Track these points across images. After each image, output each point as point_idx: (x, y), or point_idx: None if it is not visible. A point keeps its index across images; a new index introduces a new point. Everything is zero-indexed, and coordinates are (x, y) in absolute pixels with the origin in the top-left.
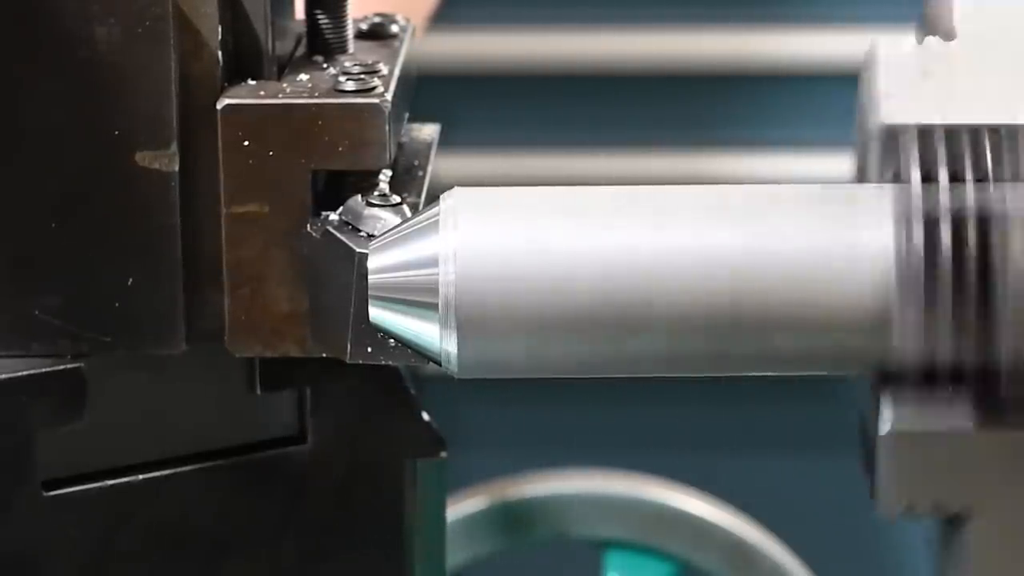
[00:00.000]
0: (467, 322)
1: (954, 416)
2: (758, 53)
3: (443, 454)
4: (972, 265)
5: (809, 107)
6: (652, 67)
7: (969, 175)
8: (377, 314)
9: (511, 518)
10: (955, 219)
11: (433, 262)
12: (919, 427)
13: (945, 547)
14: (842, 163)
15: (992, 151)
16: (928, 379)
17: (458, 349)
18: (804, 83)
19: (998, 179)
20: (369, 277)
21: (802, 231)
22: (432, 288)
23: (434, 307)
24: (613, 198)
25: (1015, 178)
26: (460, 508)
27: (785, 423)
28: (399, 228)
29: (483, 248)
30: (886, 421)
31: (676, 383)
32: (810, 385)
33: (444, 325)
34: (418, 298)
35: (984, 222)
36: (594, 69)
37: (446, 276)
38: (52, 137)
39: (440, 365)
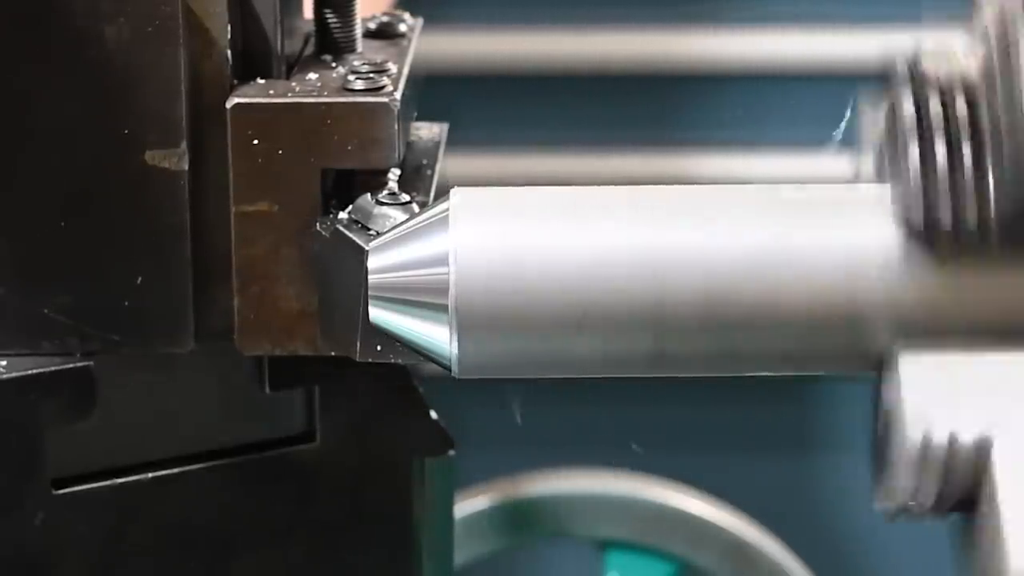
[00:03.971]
0: (478, 322)
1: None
2: (758, 54)
3: (451, 452)
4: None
5: (808, 107)
6: (652, 67)
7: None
8: (378, 314)
9: (512, 517)
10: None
11: (437, 262)
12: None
13: (959, 529)
14: (842, 163)
15: (992, 146)
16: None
17: (466, 349)
18: (804, 83)
19: (996, 167)
20: (369, 277)
21: (801, 231)
22: (437, 288)
23: (439, 307)
24: (613, 198)
25: (1014, 167)
26: (461, 507)
27: (785, 423)
28: (398, 228)
29: (488, 248)
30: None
31: (676, 383)
32: (810, 385)
33: (452, 325)
34: (423, 298)
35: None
36: (594, 69)
37: (454, 276)
38: (62, 136)
39: (446, 366)
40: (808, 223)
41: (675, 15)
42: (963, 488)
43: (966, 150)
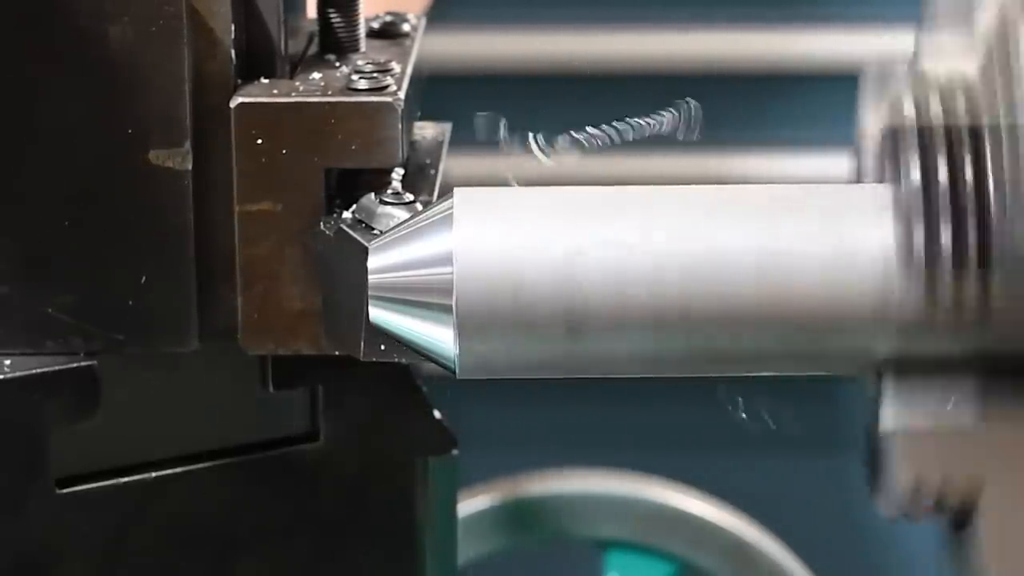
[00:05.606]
0: (480, 323)
1: (958, 412)
2: (759, 53)
3: (454, 452)
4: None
5: (809, 107)
6: (652, 67)
7: (968, 175)
8: (378, 314)
9: (512, 518)
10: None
11: (439, 262)
12: (922, 423)
13: (953, 544)
14: (842, 163)
15: (992, 151)
16: (930, 370)
17: (468, 349)
18: (804, 83)
19: (997, 179)
20: (369, 277)
21: (802, 231)
22: (439, 288)
23: (441, 307)
24: (615, 198)
25: (1014, 179)
26: (462, 508)
27: (784, 423)
28: (399, 228)
29: (491, 248)
30: (888, 418)
31: (676, 383)
32: (810, 385)
33: (454, 326)
34: (424, 298)
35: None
36: (596, 69)
37: (456, 276)
38: (66, 136)
39: (448, 367)
40: (807, 223)
41: (676, 15)
42: (959, 510)
43: (968, 165)
